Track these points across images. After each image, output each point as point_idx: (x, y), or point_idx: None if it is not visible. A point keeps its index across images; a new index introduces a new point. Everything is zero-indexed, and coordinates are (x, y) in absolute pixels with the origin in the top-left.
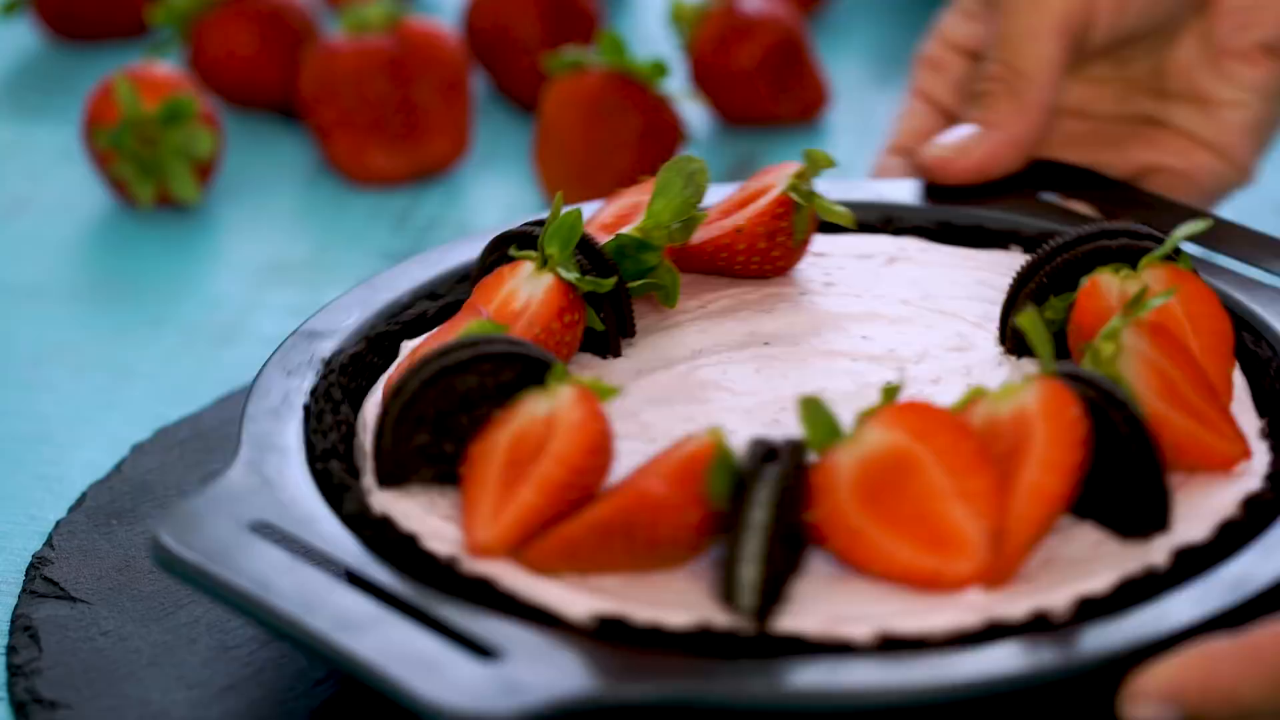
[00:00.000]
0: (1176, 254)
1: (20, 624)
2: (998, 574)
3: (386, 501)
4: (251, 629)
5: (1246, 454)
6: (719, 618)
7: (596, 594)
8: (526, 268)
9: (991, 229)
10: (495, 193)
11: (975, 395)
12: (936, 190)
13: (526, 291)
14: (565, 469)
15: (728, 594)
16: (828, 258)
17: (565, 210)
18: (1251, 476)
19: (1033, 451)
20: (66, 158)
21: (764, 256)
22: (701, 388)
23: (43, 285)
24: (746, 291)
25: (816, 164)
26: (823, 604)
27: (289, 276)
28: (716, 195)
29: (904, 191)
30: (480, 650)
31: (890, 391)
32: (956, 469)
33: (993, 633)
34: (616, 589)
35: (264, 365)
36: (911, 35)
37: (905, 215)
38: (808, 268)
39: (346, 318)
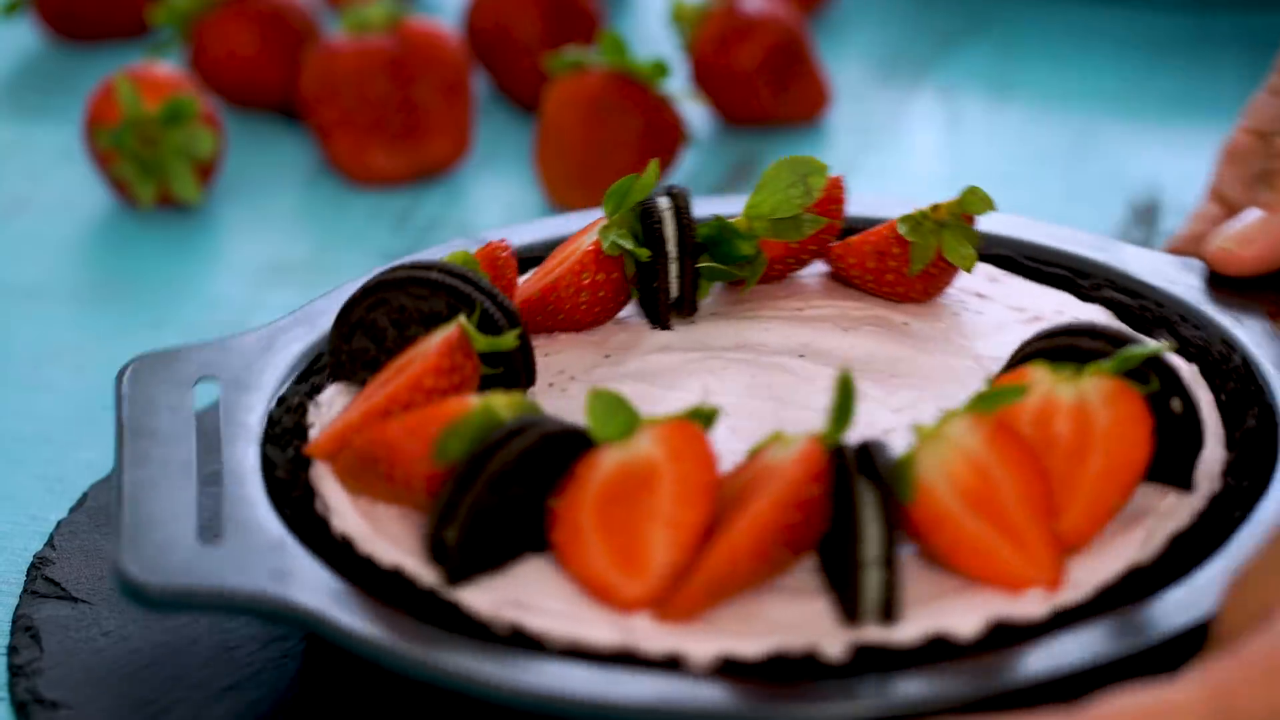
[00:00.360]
0: (1149, 374)
1: (21, 624)
2: (671, 608)
3: (328, 394)
4: (251, 629)
5: (1047, 582)
6: (416, 567)
7: (365, 518)
8: (601, 224)
9: (1168, 318)
10: (496, 193)
11: (773, 439)
12: (1219, 280)
13: (585, 244)
14: (387, 399)
15: (431, 550)
16: (984, 300)
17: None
18: (1033, 604)
19: (751, 502)
20: (67, 158)
21: (877, 277)
22: (686, 378)
23: (43, 285)
24: (858, 308)
25: (976, 204)
26: (515, 586)
27: (289, 276)
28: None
29: (1151, 263)
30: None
31: (706, 415)
32: (681, 497)
33: (619, 659)
34: (385, 520)
35: (398, 260)
36: (912, 35)
37: (1120, 283)
38: (953, 303)
39: (508, 240)
